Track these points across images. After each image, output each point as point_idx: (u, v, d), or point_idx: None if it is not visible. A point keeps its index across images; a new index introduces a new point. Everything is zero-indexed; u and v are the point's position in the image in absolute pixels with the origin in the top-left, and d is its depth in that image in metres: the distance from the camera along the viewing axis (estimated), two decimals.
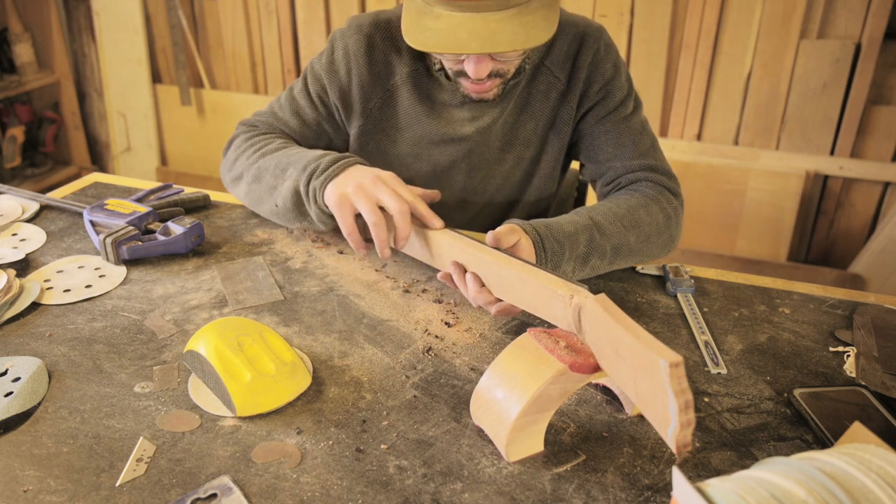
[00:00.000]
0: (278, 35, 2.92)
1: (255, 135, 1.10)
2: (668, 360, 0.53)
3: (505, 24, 0.83)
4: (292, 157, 0.97)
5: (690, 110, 2.47)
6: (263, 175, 1.00)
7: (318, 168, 0.92)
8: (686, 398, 0.53)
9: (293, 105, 1.12)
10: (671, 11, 2.36)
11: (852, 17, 2.20)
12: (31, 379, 0.73)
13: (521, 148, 1.11)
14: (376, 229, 0.85)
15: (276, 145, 1.04)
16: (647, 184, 1.04)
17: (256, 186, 1.02)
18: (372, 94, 1.08)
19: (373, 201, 0.85)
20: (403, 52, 1.06)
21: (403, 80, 1.07)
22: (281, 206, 0.99)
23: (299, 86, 1.12)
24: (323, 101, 1.11)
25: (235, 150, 1.09)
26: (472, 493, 0.62)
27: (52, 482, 0.62)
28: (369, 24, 1.06)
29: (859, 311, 0.91)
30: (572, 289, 0.67)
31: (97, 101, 3.16)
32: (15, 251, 1.01)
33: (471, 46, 0.84)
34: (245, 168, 1.04)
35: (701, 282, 0.98)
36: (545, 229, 0.87)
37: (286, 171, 0.97)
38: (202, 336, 0.75)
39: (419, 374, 0.78)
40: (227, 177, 1.11)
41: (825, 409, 0.72)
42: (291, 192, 0.96)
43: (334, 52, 1.08)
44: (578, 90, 1.06)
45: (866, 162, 2.30)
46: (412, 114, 1.08)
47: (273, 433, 0.68)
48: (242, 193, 1.07)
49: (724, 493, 0.45)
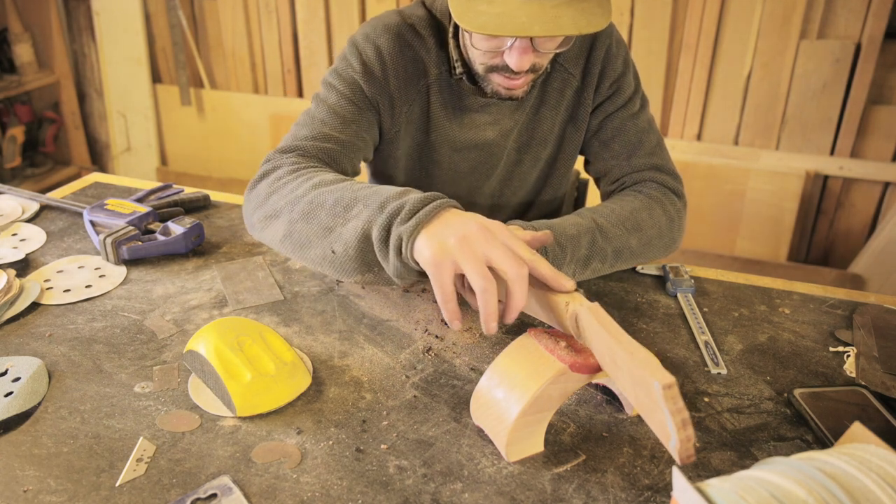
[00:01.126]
0: (278, 35, 2.92)
1: (303, 167, 0.89)
2: (662, 382, 0.54)
3: (563, 8, 0.80)
4: (359, 192, 0.78)
5: (690, 110, 2.47)
6: (317, 212, 0.79)
7: (404, 209, 0.73)
8: (682, 417, 0.54)
9: (338, 114, 0.97)
10: (671, 11, 2.36)
11: (852, 17, 2.20)
12: (31, 379, 0.73)
13: (538, 148, 1.09)
14: (486, 297, 0.67)
15: (332, 177, 0.85)
16: (652, 184, 1.03)
17: (304, 226, 0.80)
18: (408, 94, 1.02)
19: (482, 261, 0.67)
20: (432, 53, 1.01)
21: (433, 81, 1.02)
22: (340, 253, 0.78)
23: (333, 97, 0.98)
24: (365, 104, 0.99)
25: (272, 184, 0.87)
26: (472, 493, 0.62)
27: (52, 482, 0.62)
28: (398, 24, 1.00)
29: (859, 311, 0.91)
30: (568, 295, 0.67)
31: (97, 101, 3.16)
32: (15, 251, 1.01)
33: (533, 29, 0.79)
34: (288, 203, 0.83)
35: (701, 282, 0.98)
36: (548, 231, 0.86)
37: (351, 209, 0.77)
38: (202, 336, 0.75)
39: (419, 374, 0.78)
40: (256, 215, 0.87)
41: (825, 409, 0.72)
42: (358, 235, 0.75)
43: (363, 54, 0.99)
44: (593, 86, 1.05)
45: (866, 162, 2.30)
46: (437, 118, 1.04)
47: (273, 433, 0.68)
48: (280, 235, 0.83)
49: (724, 493, 0.45)
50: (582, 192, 1.45)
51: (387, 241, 0.74)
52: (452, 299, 0.70)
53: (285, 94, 3.01)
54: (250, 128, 3.11)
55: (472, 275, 0.67)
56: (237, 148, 3.18)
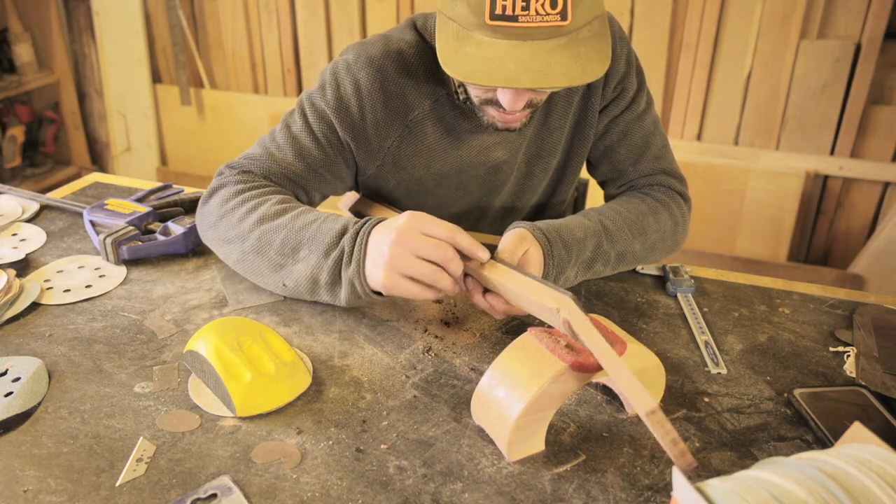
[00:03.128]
0: (278, 35, 2.92)
1: (247, 189, 0.92)
2: (644, 409, 0.58)
3: (556, 54, 0.74)
4: (303, 234, 0.84)
5: (690, 110, 2.47)
6: (265, 250, 0.86)
7: (345, 253, 0.81)
8: (671, 437, 0.58)
9: (295, 145, 0.95)
10: (671, 11, 2.36)
11: (852, 17, 2.20)
12: (31, 379, 0.73)
13: (547, 158, 1.06)
14: (440, 284, 0.77)
15: (275, 209, 0.88)
16: (660, 188, 1.02)
17: (256, 258, 0.87)
18: (389, 131, 0.97)
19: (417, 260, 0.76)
20: (421, 83, 0.95)
21: (426, 113, 0.97)
22: (291, 287, 0.86)
23: (299, 124, 0.96)
24: (331, 142, 0.96)
25: (220, 206, 0.91)
26: (472, 493, 0.62)
27: (52, 482, 0.62)
28: (381, 56, 0.94)
29: (859, 311, 0.91)
30: (558, 300, 0.69)
31: (97, 101, 3.16)
32: (15, 251, 1.01)
33: (521, 80, 0.74)
34: (237, 235, 0.88)
35: (701, 282, 0.98)
36: (555, 234, 0.85)
37: (298, 252, 0.84)
38: (202, 336, 0.75)
39: (419, 374, 0.78)
40: (210, 234, 0.93)
41: (825, 409, 0.72)
42: (307, 277, 0.84)
43: (340, 87, 0.94)
44: (599, 89, 1.01)
45: (866, 162, 2.30)
46: (438, 147, 0.99)
47: (273, 433, 0.68)
48: (233, 259, 0.90)
49: (724, 493, 0.45)
50: (582, 193, 1.44)
51: (337, 282, 0.82)
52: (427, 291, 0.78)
53: (285, 94, 3.01)
54: (250, 128, 3.11)
55: (418, 274, 0.76)
56: (237, 148, 3.18)
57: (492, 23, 0.74)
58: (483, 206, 1.10)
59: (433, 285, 0.77)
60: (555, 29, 0.74)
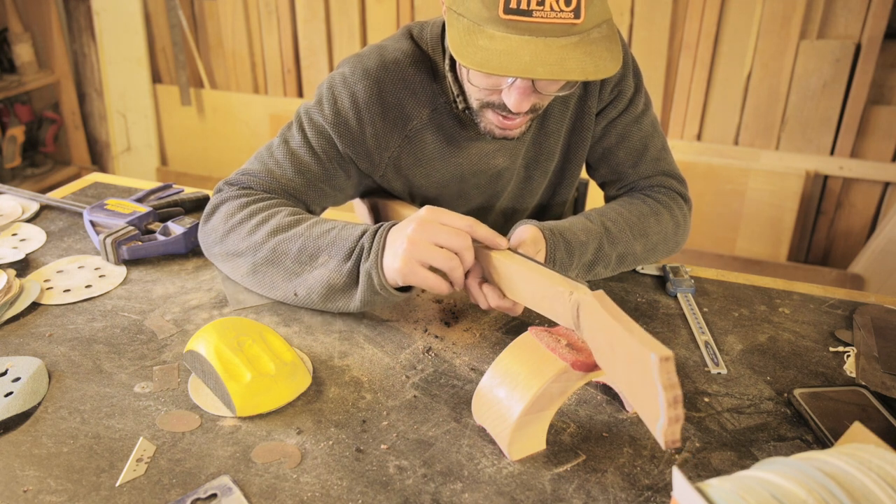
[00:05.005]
0: (278, 35, 2.92)
1: (252, 202, 0.92)
2: (659, 354, 0.53)
3: (569, 51, 0.74)
4: (320, 241, 0.85)
5: (690, 110, 2.47)
6: (282, 259, 0.86)
7: (364, 251, 0.82)
8: (675, 393, 0.53)
9: (294, 161, 0.95)
10: (671, 11, 2.36)
11: (852, 17, 2.20)
12: (31, 379, 0.73)
13: (546, 162, 1.06)
14: (454, 274, 0.79)
15: (288, 220, 0.88)
16: (662, 190, 1.02)
17: (269, 269, 0.87)
18: (389, 142, 0.97)
19: (435, 248, 0.77)
20: (419, 93, 0.95)
21: (424, 123, 0.96)
22: (303, 296, 0.86)
23: (297, 139, 0.95)
24: (330, 156, 0.96)
25: (226, 220, 0.91)
26: (472, 493, 0.62)
27: (52, 482, 0.62)
28: (377, 68, 0.93)
29: (859, 311, 0.91)
30: (572, 285, 0.67)
31: (97, 101, 3.16)
32: (15, 251, 1.01)
33: (537, 71, 0.73)
34: (249, 247, 0.88)
35: (701, 282, 0.98)
36: (559, 238, 0.86)
37: (316, 258, 0.84)
38: (202, 336, 0.75)
39: (419, 374, 0.78)
40: (216, 250, 0.93)
41: (825, 409, 0.72)
42: (323, 283, 0.84)
43: (337, 101, 0.94)
44: (595, 92, 1.01)
45: (866, 162, 2.30)
46: (438, 156, 0.99)
47: (273, 433, 0.68)
48: (243, 272, 0.90)
49: (724, 493, 0.45)
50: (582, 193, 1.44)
51: (354, 283, 0.83)
52: (443, 282, 0.79)
53: (285, 95, 3.01)
54: (250, 128, 3.11)
55: (435, 261, 0.77)
56: (237, 148, 3.18)
57: (505, 16, 0.74)
58: (484, 211, 1.10)
59: (449, 273, 0.78)
60: (567, 27, 0.74)
